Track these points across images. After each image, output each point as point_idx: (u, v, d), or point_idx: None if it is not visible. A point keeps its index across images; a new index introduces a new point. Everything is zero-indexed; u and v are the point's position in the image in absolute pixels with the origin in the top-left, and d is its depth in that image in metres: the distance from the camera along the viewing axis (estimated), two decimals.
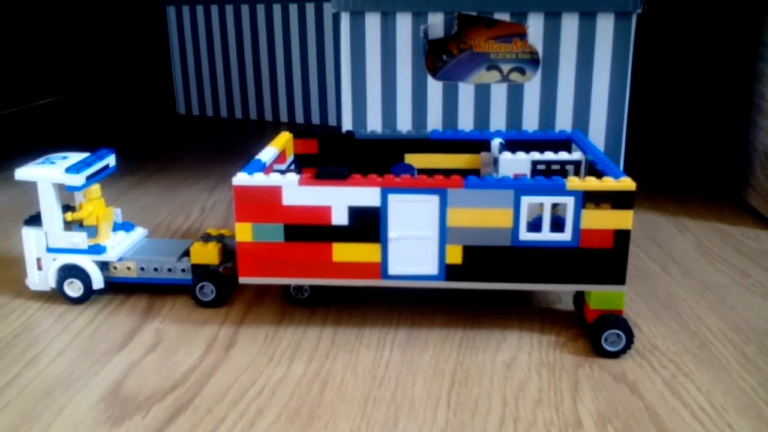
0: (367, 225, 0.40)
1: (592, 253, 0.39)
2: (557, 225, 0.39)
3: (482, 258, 0.40)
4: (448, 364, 0.39)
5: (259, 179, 0.40)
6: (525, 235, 0.39)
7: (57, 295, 0.47)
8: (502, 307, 0.46)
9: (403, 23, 0.63)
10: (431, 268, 0.40)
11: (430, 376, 0.38)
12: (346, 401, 0.36)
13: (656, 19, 0.89)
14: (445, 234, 0.40)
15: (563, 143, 0.50)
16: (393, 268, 0.41)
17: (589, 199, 0.39)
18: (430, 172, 0.50)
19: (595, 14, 0.60)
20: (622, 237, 0.39)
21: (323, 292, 0.46)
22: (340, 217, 0.40)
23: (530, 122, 0.63)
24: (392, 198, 0.40)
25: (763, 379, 0.38)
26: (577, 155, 0.47)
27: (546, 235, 0.39)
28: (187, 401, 0.36)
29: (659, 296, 0.47)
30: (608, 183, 0.38)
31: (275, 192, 0.40)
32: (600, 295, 0.40)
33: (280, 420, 0.34)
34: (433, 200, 0.39)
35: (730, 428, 0.34)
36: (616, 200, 0.38)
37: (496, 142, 0.49)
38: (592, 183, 0.38)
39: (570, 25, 0.61)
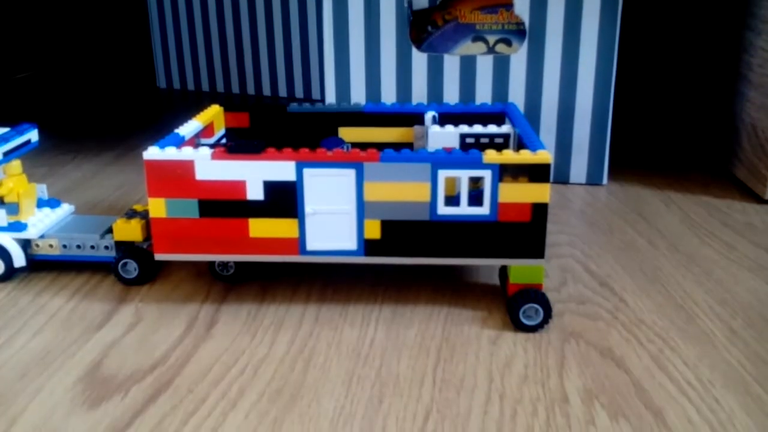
0: (283, 200, 0.39)
1: (510, 226, 0.39)
2: (477, 199, 0.39)
3: (401, 232, 0.40)
4: (433, 341, 0.39)
5: (170, 153, 0.39)
6: (443, 209, 0.39)
7: (34, 274, 0.46)
8: (488, 282, 0.45)
9: None
10: (350, 243, 0.40)
11: (415, 354, 0.38)
12: (330, 380, 0.35)
13: None
14: (362, 208, 0.39)
15: (498, 116, 0.49)
16: (311, 244, 0.40)
17: (506, 172, 0.38)
18: (364, 146, 0.49)
19: None
20: (539, 210, 0.39)
21: (249, 269, 0.46)
22: (255, 192, 0.39)
23: (516, 94, 0.62)
24: (307, 172, 0.39)
25: (750, 353, 0.37)
26: (506, 128, 0.47)
27: (464, 209, 0.39)
28: (167, 381, 0.35)
29: (645, 270, 0.47)
30: (525, 156, 0.38)
31: (188, 166, 0.39)
32: (519, 269, 0.40)
33: (262, 399, 0.34)
34: (349, 174, 0.39)
35: (716, 402, 0.33)
36: (533, 173, 0.38)
37: (429, 116, 0.48)
38: (508, 156, 0.38)
39: None
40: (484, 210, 0.39)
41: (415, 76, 0.64)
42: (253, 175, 0.39)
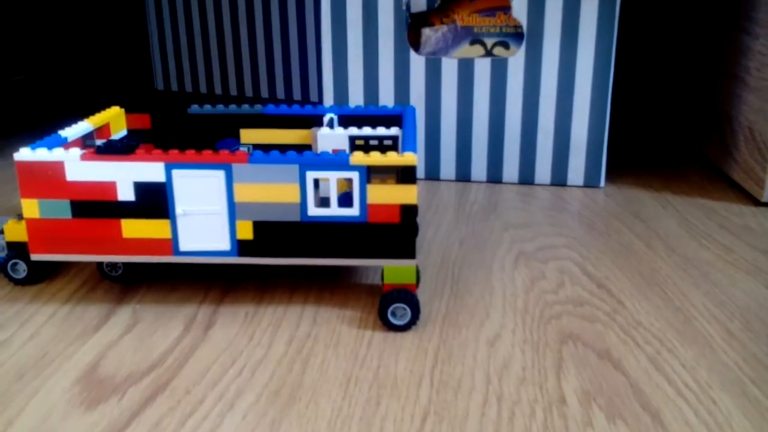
0: (154, 201, 0.40)
1: (380, 227, 0.39)
2: (348, 200, 0.40)
3: (273, 233, 0.40)
4: (431, 343, 0.39)
5: (41, 155, 0.39)
6: (314, 210, 0.39)
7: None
8: (486, 284, 0.45)
9: None
10: (223, 243, 0.40)
11: (413, 355, 0.38)
12: (328, 381, 0.35)
13: None
14: (233, 209, 0.40)
15: (396, 119, 0.50)
16: (184, 245, 0.40)
17: (374, 173, 0.39)
18: (265, 148, 0.51)
19: None
20: (408, 212, 0.39)
21: (138, 269, 0.46)
22: (126, 193, 0.40)
23: (514, 97, 0.63)
24: (176, 173, 0.39)
25: (748, 355, 0.37)
26: (394, 130, 0.47)
27: (334, 210, 0.39)
28: (164, 383, 0.35)
29: (643, 272, 0.47)
30: (391, 158, 0.38)
31: (58, 168, 0.39)
32: (392, 270, 0.40)
33: (260, 401, 0.34)
34: (219, 175, 0.39)
35: (714, 404, 0.33)
36: (400, 175, 0.38)
37: (327, 118, 0.49)
38: (375, 158, 0.38)
39: None
40: (353, 211, 0.39)
41: (413, 78, 0.64)
42: (123, 176, 0.39)
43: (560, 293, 0.44)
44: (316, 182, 0.39)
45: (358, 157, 0.38)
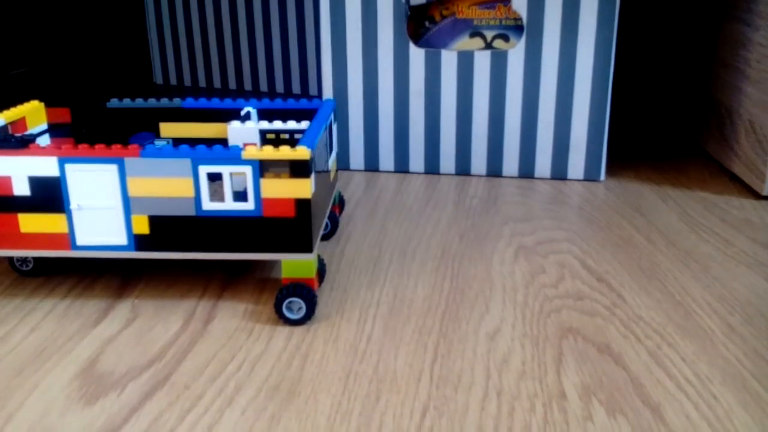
0: (49, 195, 0.40)
1: (276, 222, 0.39)
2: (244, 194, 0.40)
3: (169, 228, 0.40)
4: (430, 337, 0.39)
5: None
6: (208, 205, 0.39)
7: (30, 271, 0.46)
8: (486, 279, 0.45)
9: None
10: (120, 238, 0.40)
11: (413, 350, 0.37)
12: (327, 376, 0.35)
13: None
14: (128, 204, 0.40)
15: (313, 112, 0.50)
16: (81, 239, 0.40)
17: (267, 168, 0.38)
18: (184, 142, 0.51)
19: None
20: (303, 206, 0.39)
21: (49, 263, 0.46)
22: (21, 188, 0.40)
23: (514, 90, 0.62)
24: (70, 167, 0.39)
25: (748, 349, 0.37)
26: (304, 124, 0.47)
27: (229, 204, 0.39)
28: (163, 378, 0.35)
29: (643, 266, 0.47)
30: (284, 152, 0.38)
31: None
32: (290, 264, 0.40)
33: (259, 396, 0.34)
34: (112, 169, 0.39)
35: (714, 399, 0.33)
36: (293, 169, 0.38)
37: (244, 112, 0.49)
38: (267, 152, 0.38)
39: None
40: (248, 205, 0.39)
41: (412, 71, 0.64)
42: (18, 170, 0.39)
43: (560, 287, 0.44)
44: (216, 176, 0.39)
45: (251, 152, 0.38)
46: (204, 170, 0.39)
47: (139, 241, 0.40)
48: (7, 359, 0.37)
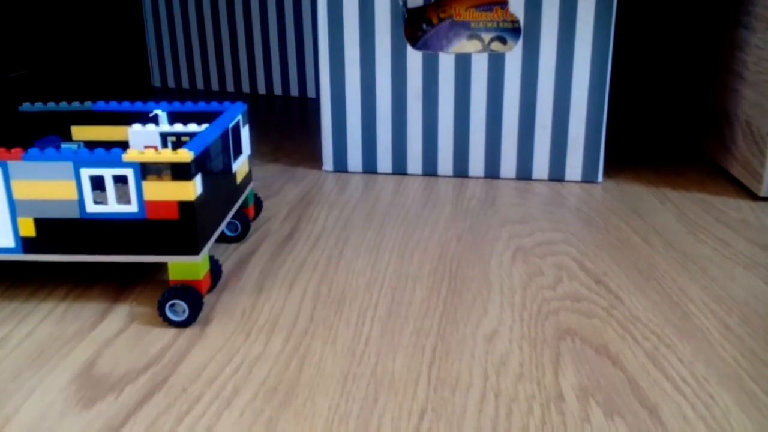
0: None
1: (160, 224, 0.40)
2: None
3: (55, 230, 0.40)
4: (428, 339, 0.39)
5: None
6: (92, 207, 0.40)
7: (26, 273, 0.46)
8: (482, 282, 0.45)
9: None
10: (7, 240, 0.40)
11: (411, 352, 0.37)
12: (325, 378, 0.35)
13: None
14: (14, 206, 0.40)
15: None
16: None
17: (149, 170, 0.39)
18: (96, 145, 0.51)
19: None
20: (186, 208, 0.39)
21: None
22: None
23: (511, 92, 0.62)
24: None
25: (745, 349, 0.37)
26: (204, 127, 0.48)
27: (113, 207, 0.40)
28: (161, 380, 0.35)
29: (641, 268, 0.47)
30: (165, 154, 0.38)
31: None
32: (177, 266, 0.40)
33: (257, 398, 0.34)
34: None
35: (712, 399, 0.33)
36: (175, 171, 0.39)
37: (153, 115, 0.49)
38: (149, 155, 0.39)
39: None
40: (132, 208, 0.39)
41: (410, 74, 0.64)
42: None
43: (558, 289, 0.44)
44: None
45: (132, 154, 0.39)
46: (86, 173, 0.39)
47: (26, 244, 0.40)
48: (5, 362, 0.37)
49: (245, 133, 0.50)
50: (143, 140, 0.48)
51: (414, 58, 0.63)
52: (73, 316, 0.41)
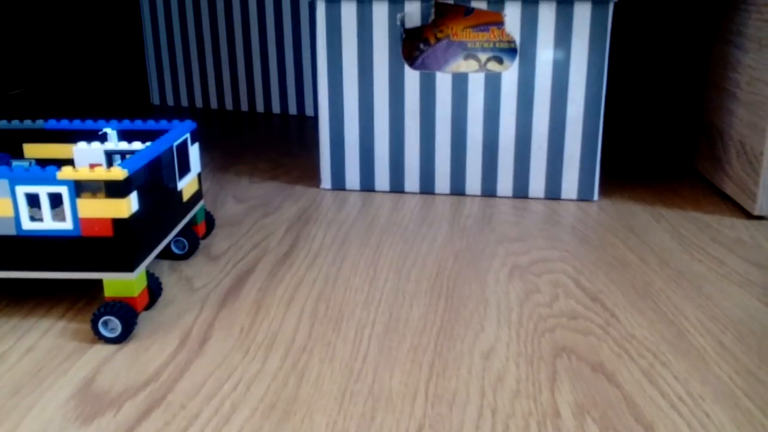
0: None
1: (95, 241, 0.40)
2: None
3: None
4: (425, 356, 0.39)
5: None
6: (28, 225, 0.40)
7: (25, 290, 0.46)
8: (480, 297, 0.45)
9: (380, 11, 0.63)
10: None
11: (408, 369, 0.38)
12: (323, 395, 0.35)
13: (632, 7, 0.89)
14: None
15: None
16: None
17: (83, 188, 0.39)
18: (48, 162, 0.52)
19: (572, 2, 0.60)
20: (121, 225, 0.40)
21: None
22: None
23: (507, 112, 0.63)
24: None
25: (740, 367, 0.38)
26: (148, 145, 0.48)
27: (48, 224, 0.40)
28: (160, 397, 0.35)
29: (636, 286, 0.47)
30: (99, 173, 0.39)
31: None
32: (112, 283, 0.41)
33: (255, 415, 0.34)
34: None
35: (707, 417, 0.34)
36: (108, 189, 0.39)
37: (105, 133, 0.50)
38: (83, 173, 0.39)
39: (547, 13, 0.61)
40: (67, 225, 0.40)
41: (407, 93, 0.64)
42: None
43: (554, 306, 0.44)
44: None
45: (66, 172, 0.39)
46: (21, 190, 0.39)
47: None
48: (4, 379, 0.37)
49: (194, 151, 0.51)
50: (88, 158, 0.49)
51: (411, 77, 0.64)
52: (72, 333, 0.41)
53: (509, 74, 0.62)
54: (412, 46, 0.65)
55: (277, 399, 0.35)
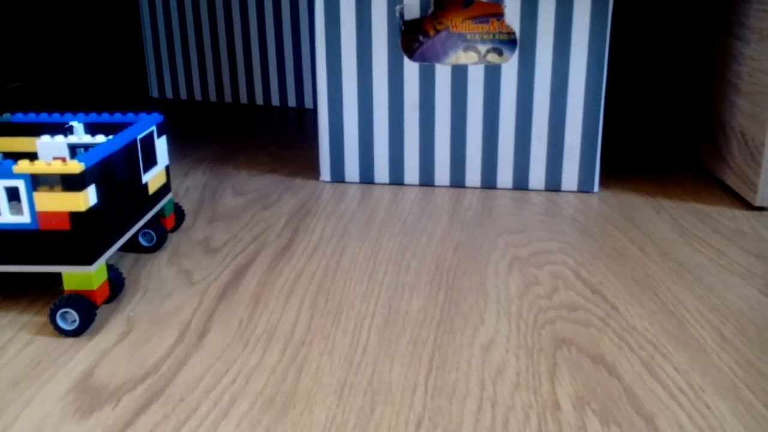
0: None
1: (52, 235, 0.40)
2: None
3: None
4: (425, 349, 0.39)
5: None
6: None
7: (23, 284, 0.46)
8: (479, 291, 0.45)
9: (379, 3, 0.62)
10: None
11: (408, 361, 0.38)
12: (322, 388, 0.35)
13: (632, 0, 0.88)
14: None
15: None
16: None
17: (40, 182, 0.39)
18: (15, 156, 0.51)
19: None
20: (78, 219, 0.40)
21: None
22: None
23: (507, 103, 0.63)
24: None
25: (741, 358, 0.38)
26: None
27: (6, 217, 0.40)
28: (158, 390, 0.35)
29: (637, 277, 0.47)
30: (55, 166, 0.39)
31: None
32: (70, 276, 0.41)
33: (254, 408, 0.34)
34: None
35: (707, 408, 0.34)
36: (65, 183, 0.39)
37: (70, 125, 0.50)
38: (39, 166, 0.39)
39: (547, 4, 0.60)
40: (24, 219, 0.40)
41: (406, 85, 0.64)
42: None
43: (554, 298, 0.44)
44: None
45: (23, 166, 0.39)
46: None
47: None
48: (2, 372, 0.37)
49: (161, 144, 0.51)
50: (52, 152, 0.48)
51: (411, 69, 0.64)
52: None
53: (509, 66, 0.62)
54: (412, 38, 0.65)
55: (276, 392, 0.35)
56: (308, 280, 0.47)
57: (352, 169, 0.67)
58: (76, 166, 0.39)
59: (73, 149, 0.49)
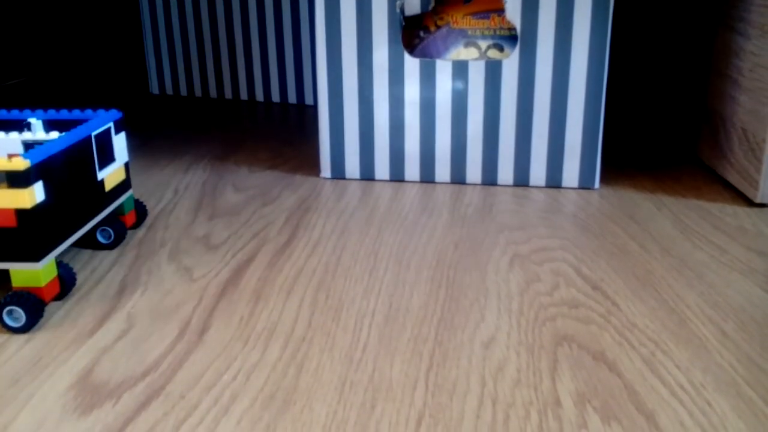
0: None
1: None
2: None
3: None
4: (426, 346, 0.39)
5: None
6: None
7: None
8: (480, 288, 0.45)
9: None
10: None
11: (408, 358, 0.38)
12: (323, 385, 0.35)
13: None
14: None
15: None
16: None
17: None
18: None
19: None
20: (25, 216, 0.40)
21: None
22: None
23: (508, 99, 0.63)
24: None
25: (742, 355, 0.38)
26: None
27: None
28: (159, 387, 0.35)
29: (638, 274, 0.47)
30: (0, 163, 0.39)
31: None
32: (18, 273, 0.41)
33: (254, 405, 0.34)
34: None
35: (709, 405, 0.33)
36: (11, 179, 0.39)
37: (28, 122, 0.50)
38: None
39: (548, 0, 0.60)
40: None
41: (407, 81, 0.64)
42: None
43: (555, 295, 0.44)
44: None
45: None
46: None
47: None
48: (3, 369, 0.37)
49: (120, 140, 0.51)
50: (6, 148, 0.48)
51: (411, 65, 0.63)
52: (70, 323, 0.41)
53: (510, 62, 0.62)
54: (412, 33, 0.65)
55: (276, 389, 0.35)
56: (309, 276, 0.47)
57: (352, 165, 0.67)
58: (21, 163, 0.39)
59: (28, 146, 0.48)
